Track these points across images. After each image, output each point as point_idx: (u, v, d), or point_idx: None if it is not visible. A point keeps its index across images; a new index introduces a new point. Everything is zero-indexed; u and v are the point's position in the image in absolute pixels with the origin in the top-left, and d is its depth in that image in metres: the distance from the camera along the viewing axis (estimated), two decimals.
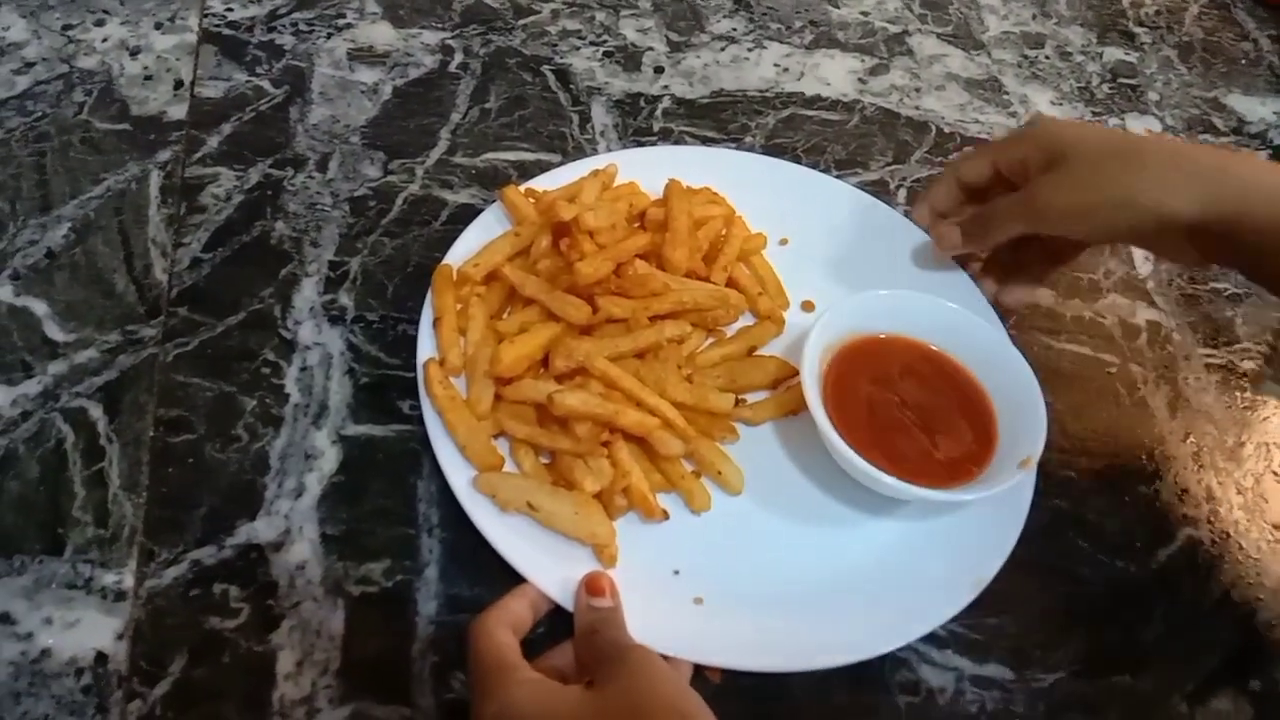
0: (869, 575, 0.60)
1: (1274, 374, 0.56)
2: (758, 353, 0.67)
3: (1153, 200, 0.57)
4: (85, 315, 0.66)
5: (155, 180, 0.73)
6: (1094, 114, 0.90)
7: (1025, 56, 0.94)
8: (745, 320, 0.69)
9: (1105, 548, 0.65)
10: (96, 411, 0.62)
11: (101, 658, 0.54)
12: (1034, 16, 0.98)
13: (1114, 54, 0.96)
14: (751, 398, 0.66)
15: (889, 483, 0.58)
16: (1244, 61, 0.98)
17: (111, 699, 0.53)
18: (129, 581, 0.57)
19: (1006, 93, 0.90)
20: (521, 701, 0.47)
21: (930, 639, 0.58)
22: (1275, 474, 0.70)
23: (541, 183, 0.73)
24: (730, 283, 0.69)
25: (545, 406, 0.59)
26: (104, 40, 0.82)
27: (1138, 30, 0.99)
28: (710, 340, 0.68)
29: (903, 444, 0.61)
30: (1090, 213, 0.60)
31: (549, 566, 0.56)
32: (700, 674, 0.55)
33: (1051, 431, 0.60)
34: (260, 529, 0.59)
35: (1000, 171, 0.66)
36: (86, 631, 0.55)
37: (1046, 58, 0.94)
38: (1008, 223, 0.65)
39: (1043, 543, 0.63)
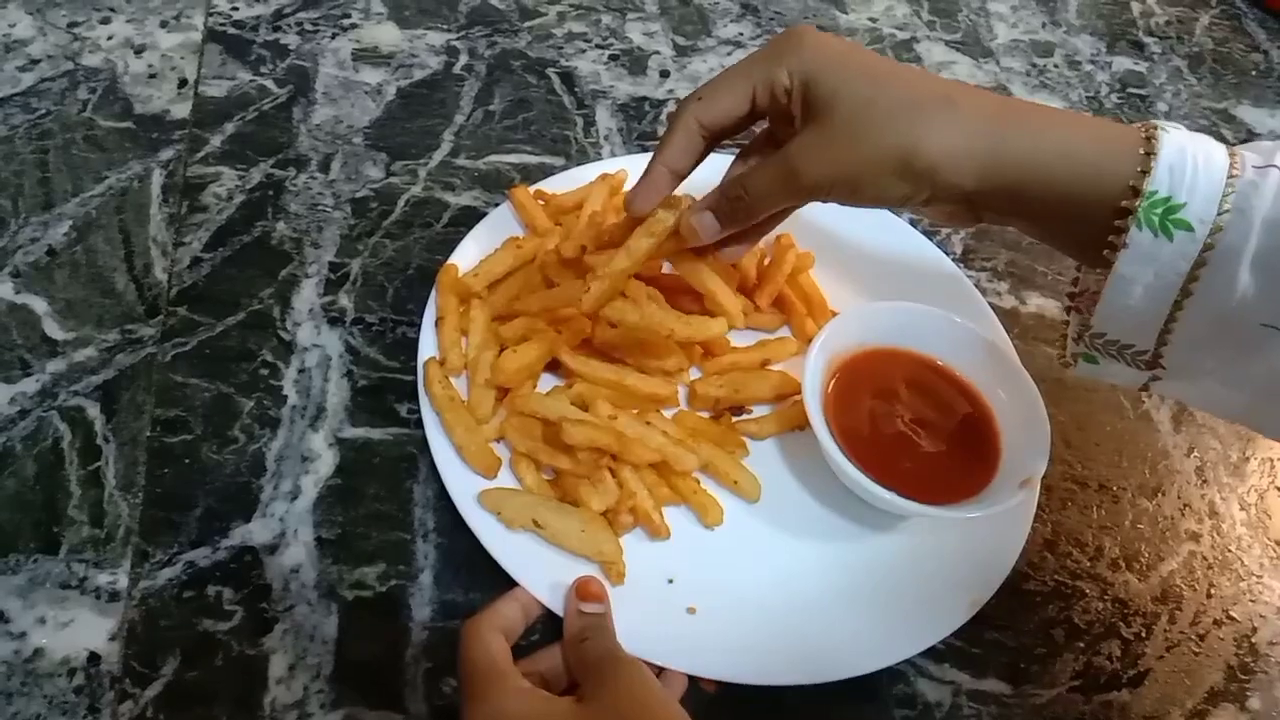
0: (866, 590, 0.59)
1: (1082, 348, 0.52)
2: (770, 367, 0.67)
3: (929, 168, 0.49)
4: (84, 314, 0.66)
5: (157, 179, 0.73)
6: None
7: (1034, 65, 0.93)
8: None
9: (1106, 562, 0.64)
10: (94, 411, 0.62)
11: (94, 658, 0.54)
12: (1043, 25, 0.97)
13: (1123, 63, 0.96)
14: (757, 410, 0.65)
15: (888, 498, 0.57)
16: (1254, 73, 0.97)
17: (103, 699, 0.53)
18: (123, 582, 0.56)
19: None
20: (510, 709, 0.47)
21: (928, 653, 0.58)
22: (1279, 490, 0.69)
23: (549, 186, 0.72)
24: (777, 301, 0.69)
25: (552, 423, 0.58)
26: (109, 38, 0.82)
27: (1148, 40, 0.98)
28: None
29: (904, 459, 0.60)
30: (860, 181, 0.51)
31: (542, 571, 0.56)
32: (695, 684, 0.55)
33: (1054, 443, 0.60)
34: (255, 531, 0.59)
35: (756, 104, 0.55)
36: (80, 631, 0.55)
37: (1055, 66, 0.94)
38: (770, 198, 0.55)
39: (1043, 556, 0.63)
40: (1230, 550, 0.66)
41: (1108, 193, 0.47)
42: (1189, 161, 0.45)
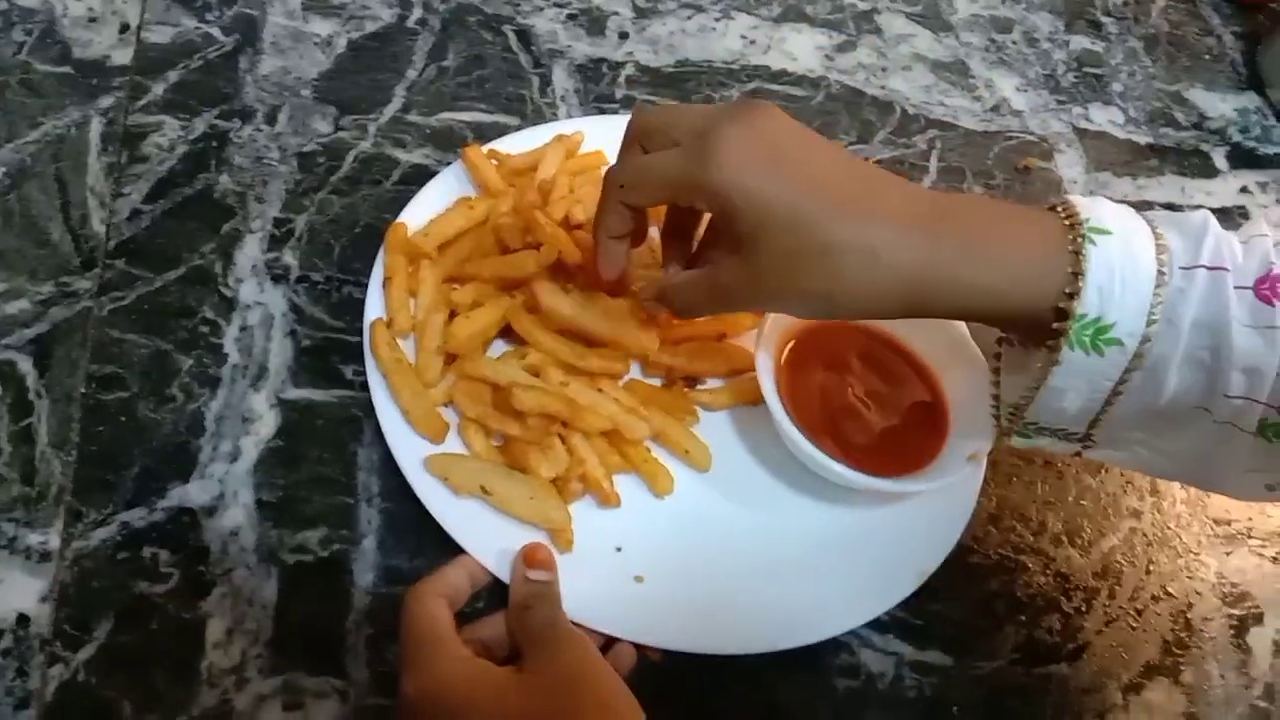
0: (812, 561, 0.59)
1: (1018, 429, 0.53)
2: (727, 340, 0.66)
3: (853, 306, 0.49)
4: (17, 265, 0.64)
5: (96, 127, 0.70)
6: (1059, 102, 0.90)
7: (993, 40, 0.93)
8: None
9: (1049, 537, 0.65)
10: (26, 365, 0.60)
11: (24, 620, 0.52)
12: (1003, 1, 0.97)
13: (1080, 42, 0.96)
14: (712, 383, 0.65)
15: (839, 470, 0.57)
16: (1207, 57, 0.98)
17: (33, 662, 0.51)
18: (55, 542, 0.55)
19: (973, 76, 0.90)
20: (449, 677, 0.46)
21: (872, 624, 0.58)
22: None
23: (503, 145, 0.71)
24: None
25: (502, 388, 0.57)
26: None
27: (1105, 20, 0.98)
28: None
29: (854, 431, 0.60)
30: (783, 308, 0.54)
31: (489, 538, 0.56)
32: (641, 652, 0.55)
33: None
34: (193, 492, 0.57)
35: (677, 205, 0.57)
36: (9, 593, 0.53)
37: (1014, 43, 0.94)
38: (701, 312, 0.57)
39: (987, 530, 0.64)
40: (1169, 528, 0.67)
41: (1036, 313, 0.47)
42: (1116, 280, 0.46)
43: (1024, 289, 0.47)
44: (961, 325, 0.66)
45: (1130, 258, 0.46)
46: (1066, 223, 0.48)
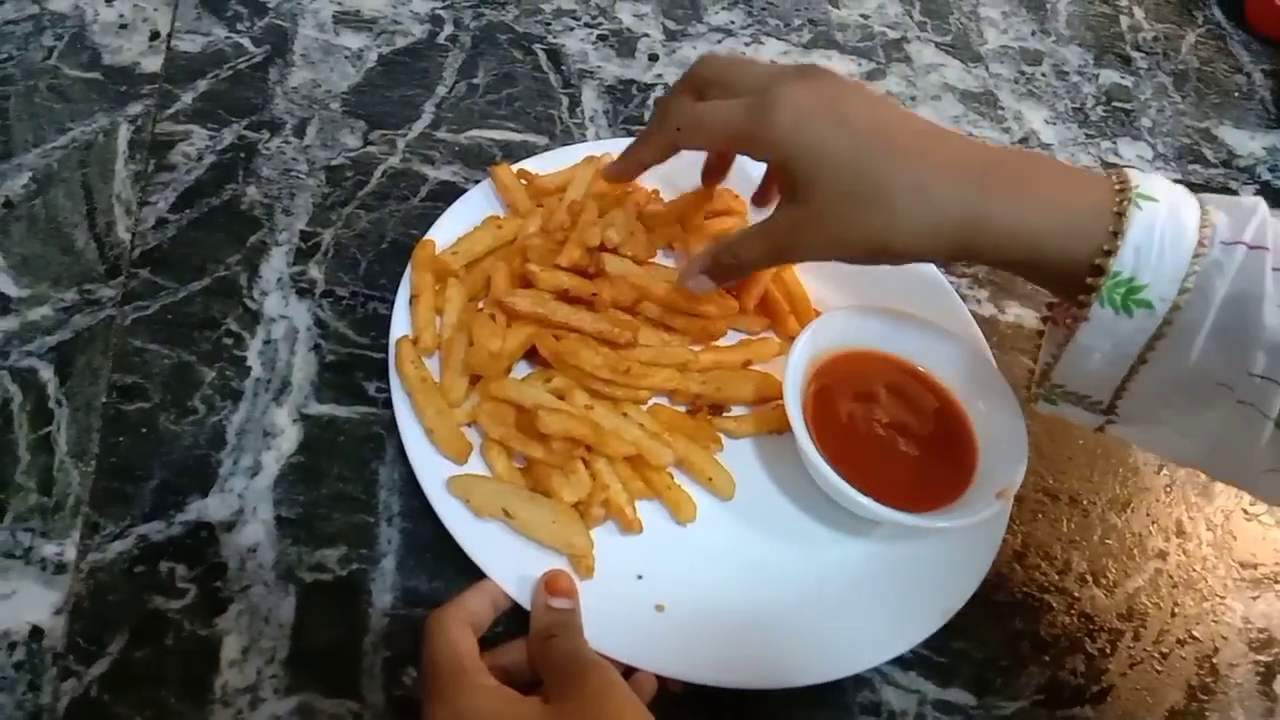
0: (836, 595, 0.59)
1: (1043, 391, 0.54)
2: (753, 367, 0.66)
3: (905, 247, 0.52)
4: (41, 271, 0.63)
5: (124, 134, 0.70)
6: (1087, 136, 0.89)
7: (1022, 72, 0.93)
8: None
9: (1074, 576, 0.64)
10: (47, 373, 0.59)
11: (37, 632, 0.52)
12: (1033, 33, 0.97)
13: (1110, 76, 0.95)
14: (736, 410, 0.64)
15: (864, 504, 0.56)
16: (1237, 94, 0.97)
17: (45, 676, 0.51)
18: (71, 554, 0.54)
19: (1001, 108, 0.89)
20: (474, 709, 0.45)
21: (895, 660, 0.57)
22: (1245, 512, 0.70)
23: (531, 165, 0.70)
24: (761, 302, 0.68)
25: (526, 410, 0.57)
26: None
27: (1134, 55, 0.98)
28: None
29: (881, 465, 0.60)
30: (840, 251, 0.54)
31: (509, 562, 0.55)
32: (661, 683, 0.54)
33: (1027, 456, 0.59)
34: (212, 507, 0.57)
35: (732, 153, 0.61)
36: (22, 604, 0.52)
37: (1043, 75, 0.93)
38: (759, 265, 0.60)
39: (1012, 568, 0.63)
40: (1195, 570, 0.66)
41: (1075, 266, 0.49)
42: (1155, 242, 0.47)
43: (1064, 240, 0.49)
44: (990, 359, 0.66)
45: (1173, 225, 0.47)
46: (1117, 187, 0.49)
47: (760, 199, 0.68)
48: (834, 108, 0.52)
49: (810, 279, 0.70)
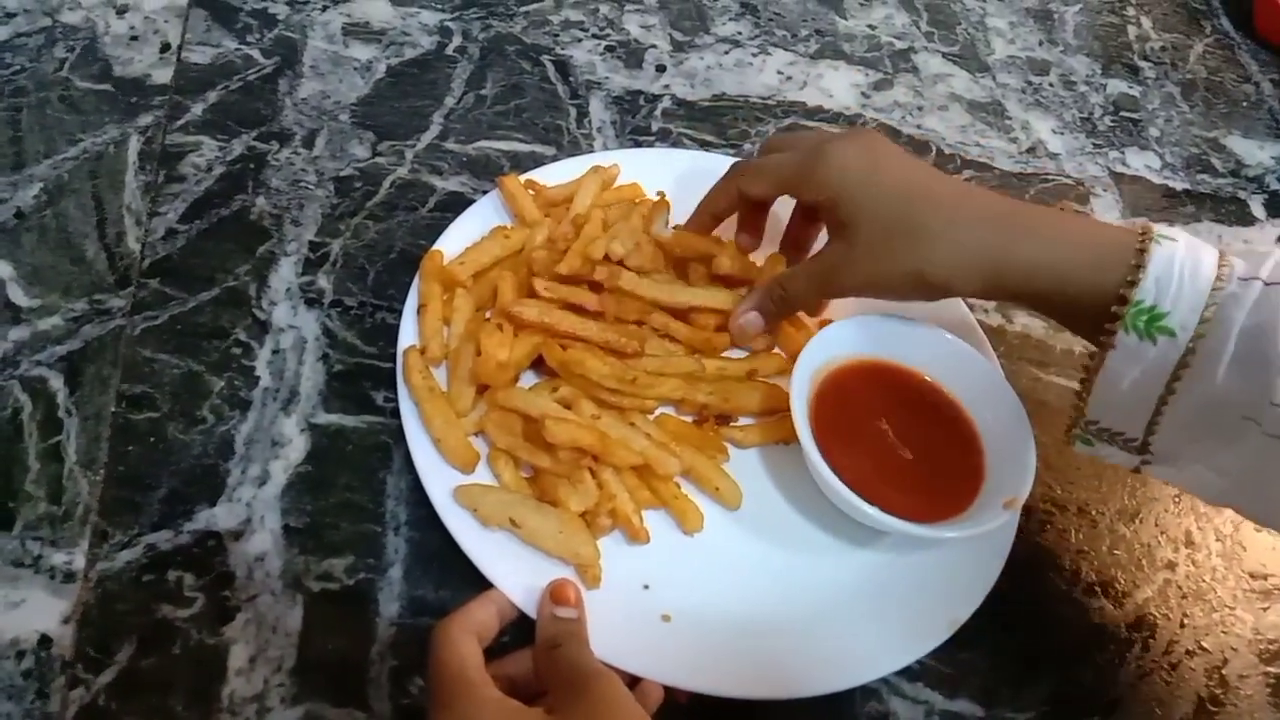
0: (843, 605, 0.58)
1: (1081, 433, 0.56)
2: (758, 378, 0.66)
3: (940, 280, 0.56)
4: (51, 281, 0.64)
5: (134, 145, 0.71)
6: (1095, 145, 0.89)
7: (1029, 83, 0.93)
8: None
9: (1082, 587, 0.64)
10: (57, 382, 0.60)
11: (45, 641, 0.52)
12: (1040, 43, 0.97)
13: (1117, 86, 0.95)
14: (743, 421, 0.64)
15: (871, 514, 0.56)
16: (1245, 104, 0.97)
17: (53, 685, 0.51)
18: (79, 562, 0.54)
19: (1009, 118, 0.89)
20: None
21: (902, 670, 0.57)
22: None
23: (539, 175, 0.71)
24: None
25: (533, 419, 0.57)
26: None
27: (1142, 64, 0.98)
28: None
29: (888, 475, 0.59)
30: (882, 287, 0.59)
31: (516, 571, 0.55)
32: (668, 693, 0.54)
33: (1035, 465, 0.59)
34: (220, 516, 0.57)
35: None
36: (31, 612, 0.53)
37: (1050, 85, 0.93)
38: (807, 299, 0.64)
39: (1020, 578, 0.62)
40: (1205, 581, 0.66)
41: (1100, 299, 0.52)
42: (1175, 274, 0.50)
43: (1089, 273, 0.53)
44: (997, 368, 0.66)
45: (1192, 261, 0.50)
46: (1139, 231, 0.53)
47: (790, 245, 0.71)
48: (876, 159, 0.59)
49: None
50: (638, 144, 0.79)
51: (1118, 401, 0.53)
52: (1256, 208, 0.89)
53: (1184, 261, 0.50)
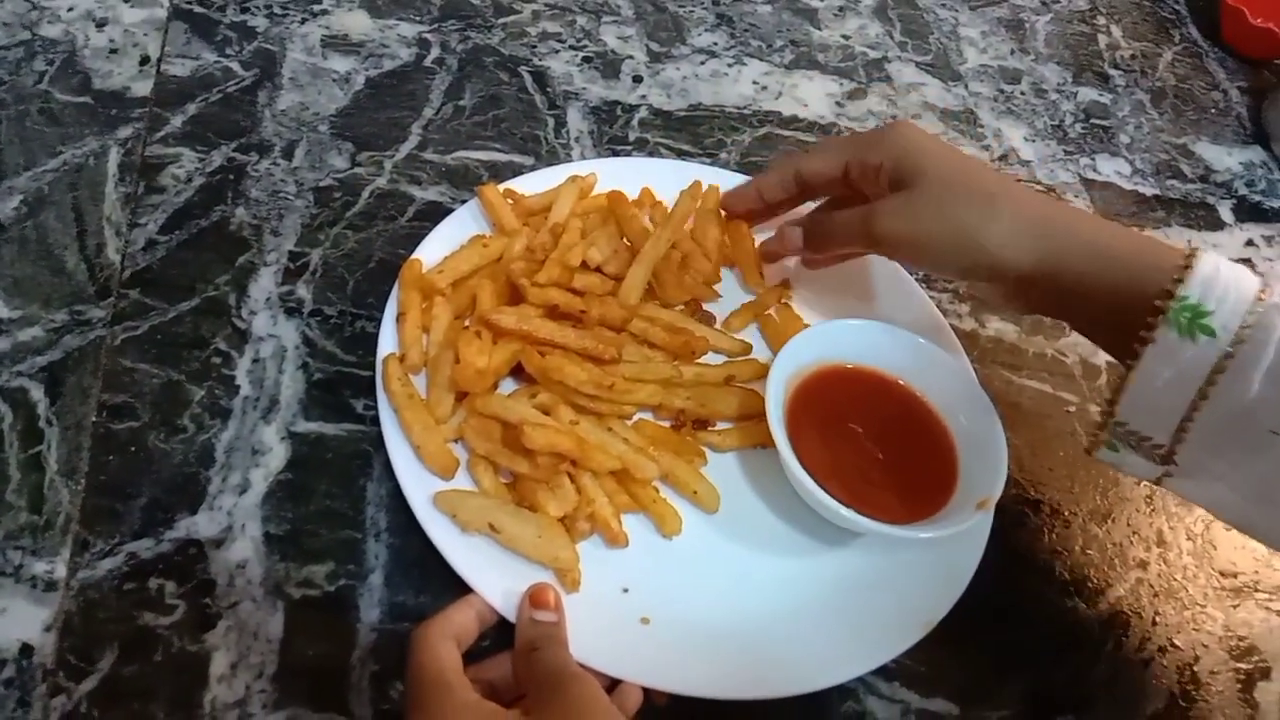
0: (821, 606, 0.59)
1: (1109, 438, 0.56)
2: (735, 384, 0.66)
3: (995, 247, 0.57)
4: (32, 292, 0.64)
5: (114, 157, 0.71)
6: (1066, 152, 0.90)
7: (1001, 91, 0.94)
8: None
9: (1056, 587, 0.65)
10: (38, 393, 0.60)
11: (27, 649, 0.52)
12: (1012, 52, 0.98)
13: (1088, 94, 0.97)
14: (720, 425, 0.65)
15: (846, 515, 0.57)
16: (1213, 111, 0.99)
17: (35, 693, 0.51)
18: (61, 571, 0.54)
19: (981, 125, 0.91)
20: None
21: (878, 670, 0.58)
22: None
23: (518, 185, 0.71)
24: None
25: (512, 425, 0.58)
26: (69, 9, 0.79)
27: (1113, 73, 1.00)
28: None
29: (863, 477, 0.60)
30: (929, 246, 0.59)
31: (496, 576, 0.55)
32: (647, 694, 0.54)
33: (1008, 467, 0.60)
34: (201, 524, 0.57)
35: (849, 172, 0.64)
36: (13, 621, 0.53)
37: (1022, 93, 0.95)
38: (846, 242, 0.64)
39: (994, 579, 0.63)
40: (1176, 579, 0.67)
41: (1144, 293, 0.52)
42: (1221, 280, 0.51)
43: (1138, 263, 0.54)
44: (971, 372, 0.67)
45: (1235, 273, 0.52)
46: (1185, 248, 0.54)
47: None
48: (936, 138, 0.62)
49: (795, 293, 0.71)
50: (615, 153, 0.79)
51: (1150, 402, 0.53)
52: (1225, 213, 0.90)
53: (1227, 272, 0.52)
